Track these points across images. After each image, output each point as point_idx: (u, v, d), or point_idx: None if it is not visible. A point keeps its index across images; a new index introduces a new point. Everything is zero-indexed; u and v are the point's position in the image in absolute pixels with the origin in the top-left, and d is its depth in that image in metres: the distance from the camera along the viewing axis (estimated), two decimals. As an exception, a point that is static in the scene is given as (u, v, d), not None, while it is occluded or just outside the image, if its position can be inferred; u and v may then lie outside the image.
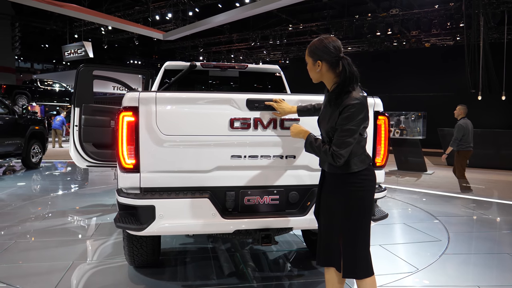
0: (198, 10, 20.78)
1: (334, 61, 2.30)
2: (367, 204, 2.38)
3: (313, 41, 2.39)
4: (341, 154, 2.23)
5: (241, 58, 30.70)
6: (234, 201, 2.94)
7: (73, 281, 3.55)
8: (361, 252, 2.37)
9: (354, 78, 2.27)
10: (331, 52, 2.29)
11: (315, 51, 2.34)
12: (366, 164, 2.37)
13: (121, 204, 2.83)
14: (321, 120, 2.46)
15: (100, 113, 5.12)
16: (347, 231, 2.36)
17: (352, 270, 2.36)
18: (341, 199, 2.36)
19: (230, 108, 2.83)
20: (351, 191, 2.34)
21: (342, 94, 2.27)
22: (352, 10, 21.43)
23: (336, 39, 2.35)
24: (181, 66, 4.99)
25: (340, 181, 2.37)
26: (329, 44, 2.30)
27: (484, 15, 15.86)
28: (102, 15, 16.55)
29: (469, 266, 4.10)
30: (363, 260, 2.37)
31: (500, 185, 9.34)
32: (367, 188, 2.37)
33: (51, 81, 23.16)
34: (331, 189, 2.44)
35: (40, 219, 5.65)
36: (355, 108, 2.21)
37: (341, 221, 2.37)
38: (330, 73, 2.34)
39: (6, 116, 9.70)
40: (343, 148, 2.23)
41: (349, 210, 2.34)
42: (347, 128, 2.22)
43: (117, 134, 2.77)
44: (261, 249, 4.38)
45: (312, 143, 2.39)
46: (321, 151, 2.32)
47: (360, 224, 2.36)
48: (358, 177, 2.34)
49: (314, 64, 2.37)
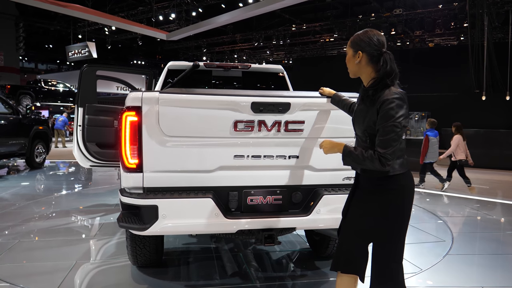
0: (202, 10, 20.79)
1: (375, 55, 2.17)
2: (404, 213, 2.18)
3: (357, 33, 2.27)
4: (389, 155, 2.03)
5: (245, 58, 30.71)
6: (237, 201, 2.94)
7: (76, 281, 3.55)
8: (394, 266, 2.19)
9: (394, 74, 2.13)
10: (374, 44, 2.17)
11: (357, 41, 2.22)
12: (405, 168, 2.18)
13: (124, 204, 2.83)
14: (356, 119, 2.29)
15: (104, 113, 5.13)
16: (380, 242, 2.20)
17: (380, 282, 2.21)
18: (375, 206, 2.18)
19: (234, 110, 2.81)
20: (387, 198, 2.16)
21: (380, 89, 2.12)
22: (355, 10, 21.39)
23: (381, 34, 2.23)
24: (184, 66, 4.99)
25: (378, 185, 2.19)
26: (373, 36, 2.19)
27: (488, 15, 15.79)
28: (105, 16, 16.60)
29: (473, 266, 4.08)
30: (395, 274, 2.19)
31: (505, 185, 9.29)
32: (405, 195, 2.18)
33: (55, 81, 23.24)
34: (367, 193, 2.25)
35: (43, 218, 5.67)
36: (395, 103, 2.04)
37: (376, 230, 2.20)
38: (369, 67, 2.20)
39: (10, 116, 9.74)
40: (389, 149, 2.03)
41: (386, 219, 2.16)
42: (389, 125, 2.03)
43: (120, 134, 2.77)
44: (264, 249, 4.38)
45: (351, 153, 2.17)
46: (365, 158, 2.09)
47: (396, 234, 2.19)
48: (395, 182, 2.15)
49: (354, 55, 2.24)
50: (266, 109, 2.83)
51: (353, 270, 2.25)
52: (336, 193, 2.97)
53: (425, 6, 18.95)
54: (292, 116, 2.89)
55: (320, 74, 24.17)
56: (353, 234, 2.27)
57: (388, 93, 2.08)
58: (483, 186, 9.04)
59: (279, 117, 2.86)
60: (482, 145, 12.21)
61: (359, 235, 2.25)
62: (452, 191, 8.18)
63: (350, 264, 2.25)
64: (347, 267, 2.26)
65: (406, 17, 19.20)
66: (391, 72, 2.13)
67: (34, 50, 33.84)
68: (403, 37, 23.16)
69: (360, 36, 2.23)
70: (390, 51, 2.19)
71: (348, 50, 2.28)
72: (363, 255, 2.26)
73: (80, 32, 25.42)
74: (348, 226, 2.32)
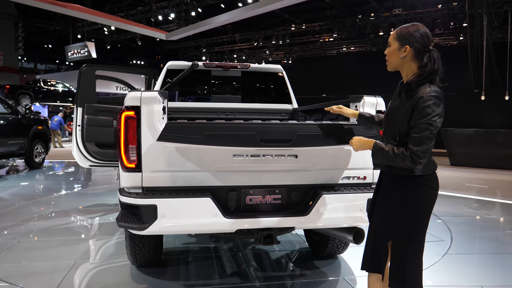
0: (201, 10, 20.79)
1: (422, 51, 2.13)
2: (424, 214, 2.17)
3: (404, 26, 2.20)
4: (421, 153, 2.01)
5: (244, 58, 30.69)
6: (236, 201, 2.94)
7: (76, 281, 3.55)
8: (411, 266, 2.18)
9: (437, 73, 2.12)
10: (424, 40, 2.13)
11: (405, 35, 2.15)
12: (430, 169, 2.16)
13: (123, 204, 2.83)
14: (390, 114, 2.25)
15: (103, 113, 5.13)
16: (398, 240, 2.20)
17: (398, 280, 2.20)
18: (397, 204, 2.19)
19: None
20: (409, 197, 2.15)
21: (419, 86, 2.09)
22: (354, 10, 21.40)
23: (428, 31, 2.19)
24: (183, 66, 4.99)
25: (399, 183, 2.19)
26: (424, 32, 2.14)
27: (488, 15, 15.79)
28: (105, 15, 16.60)
29: (472, 266, 4.08)
30: (412, 274, 2.18)
31: (504, 185, 9.30)
32: (427, 196, 2.16)
33: (54, 81, 23.20)
34: (388, 191, 2.26)
35: (43, 218, 5.66)
36: (432, 101, 2.02)
37: (394, 228, 2.21)
38: (413, 62, 2.16)
39: (10, 116, 9.74)
40: (423, 146, 2.00)
41: (403, 217, 2.17)
42: (424, 122, 2.01)
43: (119, 133, 2.78)
44: (263, 249, 4.38)
45: (382, 150, 2.15)
46: (396, 155, 2.07)
47: (413, 234, 2.17)
48: (418, 182, 2.14)
49: (399, 48, 2.16)
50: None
51: (378, 269, 2.30)
52: (335, 193, 2.97)
53: (425, 6, 18.97)
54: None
55: (320, 74, 24.20)
56: (377, 233, 2.31)
57: (426, 91, 2.06)
58: (482, 185, 9.05)
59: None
60: (481, 145, 12.22)
61: (381, 233, 2.28)
62: (451, 191, 8.19)
63: (375, 263, 2.31)
64: (373, 267, 2.31)
65: (405, 17, 19.18)
66: (437, 70, 2.12)
67: (33, 50, 33.78)
68: (402, 37, 23.13)
69: (409, 29, 2.16)
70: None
71: (393, 42, 2.21)
72: (385, 254, 2.29)
73: (79, 32, 25.39)
74: (373, 226, 2.36)
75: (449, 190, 8.25)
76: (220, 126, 2.89)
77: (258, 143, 2.73)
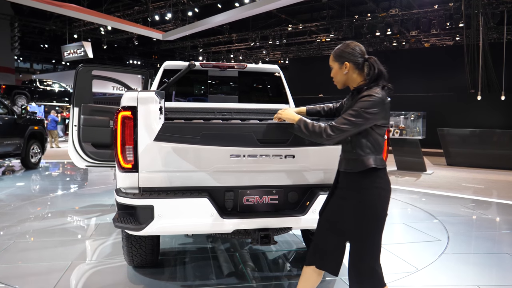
0: (198, 10, 20.77)
1: (360, 62, 2.32)
2: (378, 214, 2.25)
3: (337, 47, 2.40)
4: (336, 129, 2.17)
5: (241, 58, 30.70)
6: (233, 201, 2.94)
7: (72, 281, 3.54)
8: (367, 263, 2.24)
9: (382, 76, 2.27)
10: (357, 53, 2.32)
11: (340, 54, 2.36)
12: (382, 165, 2.25)
13: (120, 204, 2.82)
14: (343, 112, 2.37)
15: (99, 113, 5.12)
16: (353, 240, 2.27)
17: (356, 279, 2.26)
18: (350, 205, 2.26)
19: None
20: (362, 198, 2.23)
21: (366, 88, 2.24)
22: (351, 10, 21.45)
23: (359, 44, 2.40)
24: (180, 66, 4.98)
25: (353, 184, 2.27)
26: (355, 46, 2.35)
27: (484, 15, 15.88)
28: (101, 15, 16.52)
29: (468, 265, 4.09)
30: (369, 270, 2.24)
31: (500, 185, 9.33)
32: (380, 196, 2.24)
33: (51, 81, 23.15)
34: (342, 192, 2.34)
35: (39, 219, 5.64)
36: (372, 101, 2.16)
37: (348, 227, 2.28)
38: (356, 74, 2.34)
39: (5, 116, 9.69)
40: (342, 126, 2.16)
41: (357, 217, 2.24)
42: (358, 109, 2.16)
43: (116, 133, 2.77)
44: (260, 249, 4.38)
45: (306, 125, 2.30)
46: (315, 127, 2.24)
47: (369, 233, 2.24)
48: (372, 182, 2.22)
49: (340, 67, 2.36)
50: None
51: (327, 267, 2.37)
52: None
53: (421, 6, 19.03)
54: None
55: (316, 74, 24.19)
56: (328, 230, 2.38)
57: (372, 91, 2.21)
58: (478, 185, 9.08)
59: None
60: (477, 145, 12.28)
61: (333, 232, 2.35)
62: (447, 191, 8.21)
63: (324, 260, 2.37)
64: (322, 263, 2.37)
65: (402, 17, 19.26)
66: (381, 72, 2.28)
67: (29, 50, 33.69)
68: (399, 37, 23.23)
69: (342, 48, 2.37)
70: (374, 55, 2.34)
71: (333, 64, 2.40)
72: (338, 252, 2.36)
73: (75, 32, 25.30)
74: (323, 223, 2.43)
75: (445, 190, 8.28)
76: (217, 126, 2.89)
77: (255, 143, 2.74)
